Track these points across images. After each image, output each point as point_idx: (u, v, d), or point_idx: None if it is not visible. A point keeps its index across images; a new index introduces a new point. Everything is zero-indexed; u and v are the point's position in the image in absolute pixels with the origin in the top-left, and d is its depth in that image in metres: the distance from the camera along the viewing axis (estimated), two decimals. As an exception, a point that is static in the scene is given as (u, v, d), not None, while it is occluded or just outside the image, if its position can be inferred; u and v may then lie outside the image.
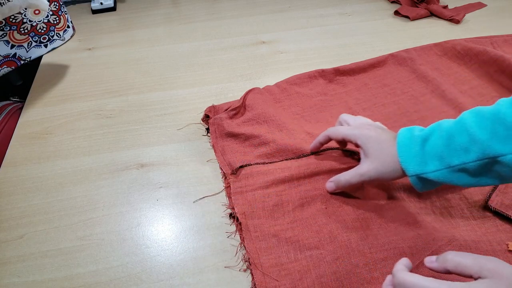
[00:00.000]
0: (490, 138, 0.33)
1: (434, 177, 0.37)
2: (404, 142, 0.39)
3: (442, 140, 0.36)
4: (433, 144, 0.37)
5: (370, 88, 0.64)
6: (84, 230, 0.45)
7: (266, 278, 0.38)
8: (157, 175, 0.51)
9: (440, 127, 0.37)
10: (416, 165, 0.37)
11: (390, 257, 0.39)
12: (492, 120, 0.33)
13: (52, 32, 0.65)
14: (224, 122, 0.55)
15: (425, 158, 0.37)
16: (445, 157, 0.36)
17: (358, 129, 0.43)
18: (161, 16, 0.90)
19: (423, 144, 0.37)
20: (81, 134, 0.58)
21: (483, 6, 0.89)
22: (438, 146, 0.36)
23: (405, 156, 0.38)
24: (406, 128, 0.41)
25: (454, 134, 0.35)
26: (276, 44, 0.78)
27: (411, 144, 0.38)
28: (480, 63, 0.66)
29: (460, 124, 0.35)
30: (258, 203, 0.45)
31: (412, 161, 0.38)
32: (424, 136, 0.38)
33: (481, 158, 0.34)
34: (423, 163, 0.37)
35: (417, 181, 0.38)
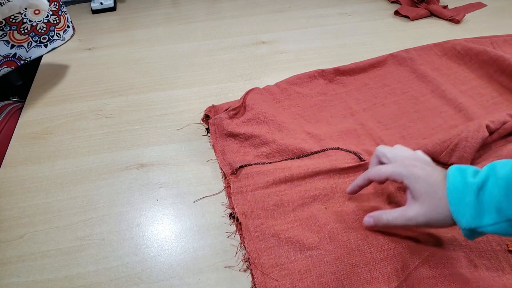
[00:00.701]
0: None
1: (491, 230, 0.33)
2: (457, 188, 0.34)
3: (499, 189, 0.32)
4: (489, 193, 0.32)
5: (370, 88, 0.64)
6: (84, 230, 0.45)
7: (266, 278, 0.38)
8: (157, 175, 0.51)
9: (495, 172, 0.33)
10: (471, 217, 0.33)
11: (390, 257, 0.39)
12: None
13: (52, 32, 0.65)
14: (224, 122, 0.55)
15: (481, 209, 0.33)
16: (503, 209, 0.32)
17: (404, 167, 0.38)
18: (161, 16, 0.90)
19: (478, 192, 0.33)
20: (81, 134, 0.58)
21: (483, 6, 0.89)
22: (495, 196, 0.32)
23: (458, 206, 0.34)
24: (457, 169, 0.36)
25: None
26: (276, 44, 0.78)
27: (465, 192, 0.34)
28: (480, 63, 0.66)
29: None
30: (258, 203, 0.45)
31: (466, 212, 0.33)
32: (479, 183, 0.33)
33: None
34: (478, 215, 0.33)
35: (470, 234, 0.34)
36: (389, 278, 0.38)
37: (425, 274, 0.38)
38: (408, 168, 0.38)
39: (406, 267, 0.38)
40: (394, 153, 0.42)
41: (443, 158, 0.48)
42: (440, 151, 0.49)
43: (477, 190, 0.33)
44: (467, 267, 0.38)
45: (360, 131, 0.56)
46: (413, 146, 0.50)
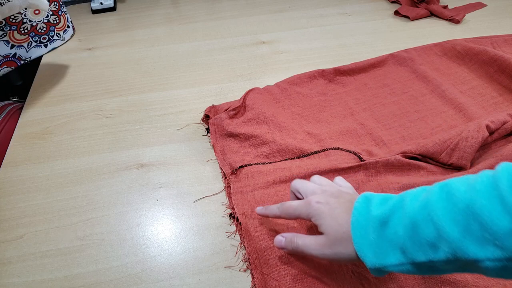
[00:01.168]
0: (462, 237, 0.26)
1: (397, 270, 0.30)
2: (360, 222, 0.32)
3: (404, 228, 0.29)
4: (393, 231, 0.29)
5: (370, 88, 0.64)
6: (84, 230, 0.45)
7: (266, 278, 0.38)
8: (157, 175, 0.51)
9: (403, 207, 0.30)
10: (374, 256, 0.30)
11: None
12: (464, 212, 0.26)
13: (52, 32, 0.65)
14: (224, 122, 0.55)
15: (385, 248, 0.30)
16: (408, 251, 0.29)
17: (307, 204, 0.36)
18: (161, 16, 0.90)
19: (381, 228, 0.30)
20: (81, 134, 0.58)
21: (483, 6, 0.89)
22: (400, 236, 0.29)
23: (361, 244, 0.31)
24: (363, 198, 0.33)
25: (418, 223, 0.28)
26: (276, 44, 0.78)
27: (367, 228, 0.31)
28: (480, 63, 0.66)
29: (427, 210, 0.28)
30: (258, 203, 0.45)
31: (369, 251, 0.31)
32: (383, 217, 0.30)
33: (452, 260, 0.27)
34: (382, 253, 0.30)
35: (376, 272, 0.31)
36: (389, 279, 0.38)
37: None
38: (312, 205, 0.36)
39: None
40: (306, 187, 0.39)
41: (443, 158, 0.48)
42: (440, 151, 0.49)
43: (380, 225, 0.30)
44: (467, 267, 0.38)
45: (360, 131, 0.56)
46: (413, 146, 0.50)
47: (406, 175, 0.48)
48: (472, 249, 0.25)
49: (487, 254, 0.25)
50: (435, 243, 0.27)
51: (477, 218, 0.25)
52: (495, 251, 0.24)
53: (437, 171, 0.49)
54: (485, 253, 0.25)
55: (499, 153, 0.49)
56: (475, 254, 0.25)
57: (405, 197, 0.31)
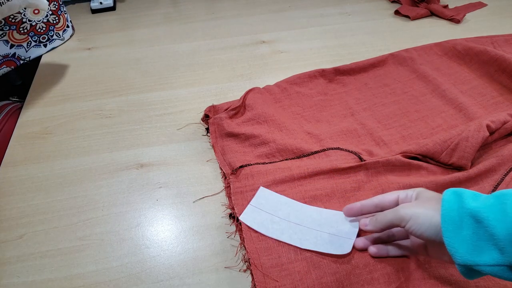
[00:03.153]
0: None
1: (491, 271, 0.28)
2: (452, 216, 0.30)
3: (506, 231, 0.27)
4: (494, 230, 0.27)
5: (370, 88, 0.64)
6: (84, 230, 0.44)
7: (266, 279, 0.38)
8: (157, 175, 0.51)
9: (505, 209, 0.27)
10: (467, 252, 0.28)
11: (390, 258, 0.39)
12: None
13: (52, 32, 0.65)
14: (224, 122, 0.55)
15: (480, 245, 0.28)
16: (508, 252, 0.27)
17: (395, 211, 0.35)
18: (161, 16, 0.90)
19: (479, 225, 0.28)
20: (81, 134, 0.57)
21: (484, 6, 0.89)
22: (500, 237, 0.27)
23: (451, 238, 0.29)
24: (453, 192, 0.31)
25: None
26: (276, 44, 0.78)
27: (461, 222, 0.29)
28: (480, 63, 0.66)
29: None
30: (258, 203, 0.45)
31: (460, 246, 0.29)
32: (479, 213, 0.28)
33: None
34: (476, 250, 0.28)
35: (467, 272, 0.30)
36: (389, 279, 0.38)
37: (426, 275, 0.38)
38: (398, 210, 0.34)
39: (406, 268, 0.38)
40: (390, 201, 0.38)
41: (443, 158, 0.48)
42: (441, 151, 0.49)
43: (476, 221, 0.29)
44: (467, 268, 0.38)
45: (360, 131, 0.56)
46: (413, 146, 0.50)
47: (407, 175, 0.48)
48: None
49: None
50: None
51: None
52: None
53: (438, 171, 0.49)
54: None
55: (499, 153, 0.49)
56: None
57: (506, 197, 0.28)
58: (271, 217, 0.43)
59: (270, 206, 0.44)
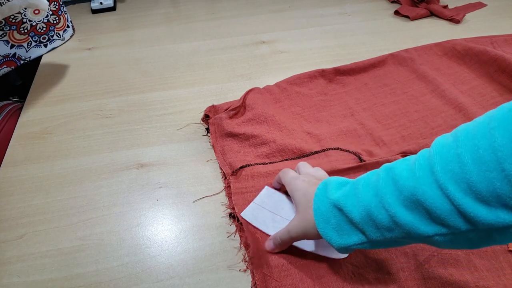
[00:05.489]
0: (413, 221, 0.28)
1: (361, 248, 0.32)
2: (321, 208, 0.33)
3: (360, 215, 0.31)
4: (351, 215, 0.31)
5: (370, 88, 0.64)
6: (84, 230, 0.45)
7: (267, 279, 0.38)
8: (157, 175, 0.51)
9: (356, 195, 0.31)
10: (339, 238, 0.33)
11: (390, 258, 0.39)
12: (411, 200, 0.28)
13: (52, 32, 0.65)
14: (224, 122, 0.55)
15: (347, 230, 0.32)
16: (366, 232, 0.31)
17: (292, 180, 0.40)
18: (161, 16, 0.90)
19: (341, 212, 0.32)
20: (81, 134, 0.58)
21: (483, 6, 0.89)
22: (357, 220, 0.31)
23: (324, 228, 0.33)
24: (324, 184, 0.35)
25: (373, 211, 0.30)
26: (276, 44, 0.78)
27: (328, 213, 0.33)
28: (480, 63, 0.66)
29: (378, 198, 0.30)
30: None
31: (333, 234, 0.33)
32: (339, 202, 0.32)
33: (407, 237, 0.30)
34: (345, 235, 0.32)
35: (343, 250, 0.34)
36: (390, 279, 0.38)
37: (426, 275, 0.38)
38: (293, 181, 0.40)
39: (406, 268, 0.38)
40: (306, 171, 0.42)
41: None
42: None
43: (338, 210, 0.32)
44: (467, 268, 0.38)
45: (360, 131, 0.56)
46: (413, 146, 0.50)
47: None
48: (423, 228, 0.28)
49: (436, 231, 0.28)
50: (390, 227, 0.30)
51: (422, 204, 0.27)
52: (442, 229, 0.27)
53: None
54: (434, 230, 0.28)
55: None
56: (426, 232, 0.28)
57: (358, 183, 0.32)
58: (273, 216, 0.43)
59: (273, 204, 0.44)
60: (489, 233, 0.26)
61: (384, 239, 0.31)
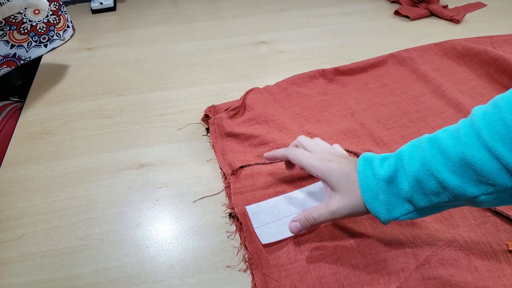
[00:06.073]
0: (461, 184, 0.30)
1: (407, 218, 0.34)
2: (369, 185, 0.35)
3: (409, 185, 0.33)
4: (400, 187, 0.33)
5: (370, 88, 0.64)
6: (84, 230, 0.45)
7: (267, 279, 0.38)
8: (157, 175, 0.51)
9: (403, 167, 0.33)
10: (387, 212, 0.34)
11: (390, 258, 0.39)
12: (459, 164, 0.30)
13: (52, 32, 0.65)
14: (224, 122, 0.55)
15: (395, 203, 0.34)
16: (414, 200, 0.33)
17: (320, 161, 0.38)
18: (161, 16, 0.90)
19: (389, 187, 0.34)
20: (81, 134, 0.58)
21: (483, 6, 0.89)
22: (406, 191, 0.33)
23: (373, 204, 0.34)
24: (366, 160, 0.36)
25: (421, 179, 0.32)
26: (276, 44, 0.78)
27: (377, 189, 0.34)
28: (480, 63, 0.66)
29: (426, 167, 0.32)
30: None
31: (382, 209, 0.34)
32: (389, 177, 0.34)
33: (452, 200, 0.32)
34: (393, 208, 0.34)
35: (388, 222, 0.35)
36: (390, 279, 0.38)
37: (426, 275, 0.38)
38: (323, 163, 0.38)
39: (406, 268, 0.38)
40: (314, 145, 0.42)
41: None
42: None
43: (387, 183, 0.34)
44: (467, 268, 0.38)
45: (360, 131, 0.56)
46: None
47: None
48: (471, 190, 0.30)
49: (483, 191, 0.30)
50: (438, 191, 0.32)
51: (471, 166, 0.30)
52: (489, 188, 0.30)
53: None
54: (481, 190, 0.30)
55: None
56: (473, 193, 0.30)
57: (402, 156, 0.34)
58: (281, 221, 0.43)
59: (270, 215, 0.44)
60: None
61: (430, 205, 0.33)
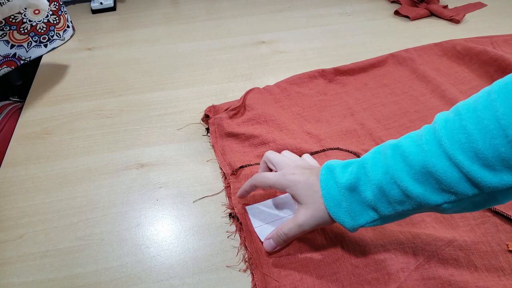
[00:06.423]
0: (424, 192, 0.30)
1: (373, 225, 0.35)
2: (331, 194, 0.35)
3: (372, 193, 0.33)
4: (363, 196, 0.33)
5: (370, 88, 0.64)
6: (84, 230, 0.45)
7: (267, 279, 0.38)
8: (157, 175, 0.51)
9: (366, 174, 0.33)
10: (351, 220, 0.34)
11: (390, 258, 0.39)
12: (422, 173, 0.30)
13: (52, 32, 0.65)
14: (224, 122, 0.55)
15: (359, 211, 0.34)
16: (378, 208, 0.33)
17: (283, 177, 0.38)
18: (161, 16, 0.90)
19: (351, 195, 0.34)
20: (81, 134, 0.58)
21: (483, 6, 0.89)
22: (370, 199, 0.33)
23: (336, 212, 0.34)
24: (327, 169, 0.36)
25: (384, 187, 0.32)
26: (276, 44, 0.78)
27: (339, 197, 0.34)
28: (480, 63, 0.66)
29: (389, 175, 0.32)
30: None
31: (346, 217, 0.34)
32: (350, 185, 0.34)
33: (416, 208, 0.32)
34: (358, 216, 0.34)
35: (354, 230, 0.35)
36: (389, 279, 0.38)
37: (426, 275, 0.38)
38: (287, 177, 0.38)
39: (406, 268, 0.38)
40: (281, 160, 0.41)
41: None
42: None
43: (349, 191, 0.34)
44: (467, 268, 0.38)
45: (360, 131, 0.56)
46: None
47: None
48: (433, 198, 0.30)
49: (445, 199, 0.30)
50: (402, 200, 0.32)
51: (433, 175, 0.30)
52: (451, 196, 0.30)
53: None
54: (444, 198, 0.30)
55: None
56: (436, 201, 0.31)
57: (365, 164, 0.34)
58: (281, 221, 0.43)
59: (270, 215, 0.44)
60: (492, 195, 0.29)
61: (395, 213, 0.33)
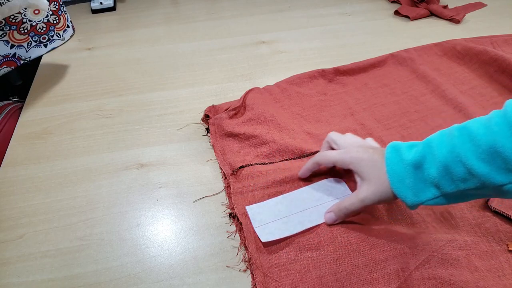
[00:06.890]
0: (489, 171, 0.32)
1: (434, 203, 0.36)
2: (395, 170, 0.36)
3: (437, 170, 0.34)
4: (427, 173, 0.35)
5: (370, 88, 0.64)
6: (84, 230, 0.45)
7: (267, 279, 0.38)
8: (157, 175, 0.51)
9: (432, 153, 0.35)
10: (414, 196, 0.36)
11: (390, 258, 0.39)
12: (489, 152, 0.31)
13: (52, 32, 0.65)
14: (224, 122, 0.55)
15: (422, 188, 0.35)
16: (441, 186, 0.34)
17: (347, 153, 0.41)
18: (161, 16, 0.90)
19: (415, 172, 0.35)
20: (81, 134, 0.58)
21: (483, 6, 0.89)
22: (433, 176, 0.34)
23: (399, 188, 0.36)
24: (393, 148, 0.38)
25: (449, 165, 0.33)
26: (276, 44, 0.78)
27: (403, 173, 0.36)
28: (480, 63, 0.66)
29: (455, 153, 0.33)
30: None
31: (408, 193, 0.36)
32: (416, 162, 0.35)
33: (479, 187, 0.33)
34: (420, 192, 0.36)
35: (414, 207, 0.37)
36: (389, 279, 0.38)
37: (426, 275, 0.38)
38: (351, 154, 0.40)
39: (406, 268, 0.38)
40: (343, 140, 0.44)
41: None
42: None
43: (414, 169, 0.35)
44: (467, 268, 0.38)
45: (360, 131, 0.56)
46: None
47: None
48: (499, 178, 0.31)
49: (511, 179, 0.31)
50: (465, 178, 0.33)
51: (501, 155, 0.31)
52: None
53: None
54: (509, 178, 0.31)
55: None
56: (501, 181, 0.31)
57: (431, 143, 0.35)
58: (281, 221, 0.43)
59: (270, 215, 0.44)
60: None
61: (457, 191, 0.34)
